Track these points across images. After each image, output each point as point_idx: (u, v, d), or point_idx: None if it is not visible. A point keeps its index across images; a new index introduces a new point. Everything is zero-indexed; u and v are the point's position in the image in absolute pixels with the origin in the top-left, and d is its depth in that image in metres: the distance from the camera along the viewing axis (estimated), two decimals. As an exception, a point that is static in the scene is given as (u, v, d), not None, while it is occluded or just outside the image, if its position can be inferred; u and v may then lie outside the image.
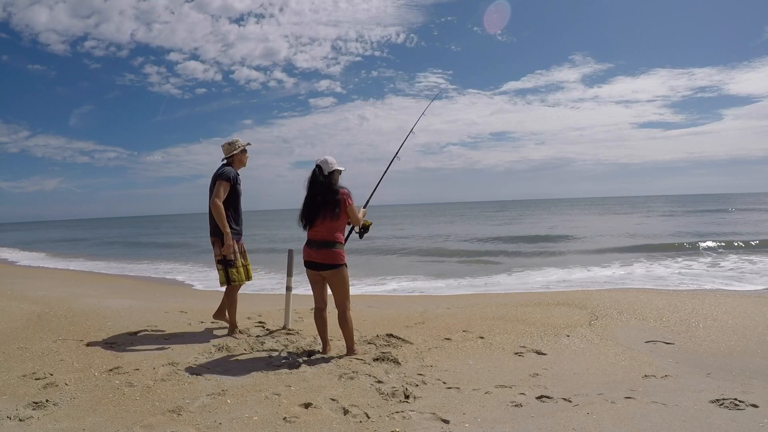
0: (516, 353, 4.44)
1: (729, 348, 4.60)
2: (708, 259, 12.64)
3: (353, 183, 5.18)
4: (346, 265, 4.21)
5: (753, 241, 15.59)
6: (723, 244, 15.43)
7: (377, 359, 4.13)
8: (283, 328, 5.27)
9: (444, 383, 3.61)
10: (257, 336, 4.92)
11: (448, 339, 4.86)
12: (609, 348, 4.61)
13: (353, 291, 4.92)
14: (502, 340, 4.87)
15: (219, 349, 4.42)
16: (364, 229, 4.40)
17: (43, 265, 16.52)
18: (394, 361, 4.08)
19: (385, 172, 4.95)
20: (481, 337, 4.91)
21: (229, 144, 4.91)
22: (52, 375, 3.72)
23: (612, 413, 2.99)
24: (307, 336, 4.93)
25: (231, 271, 4.78)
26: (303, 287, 6.18)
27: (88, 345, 4.53)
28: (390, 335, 4.85)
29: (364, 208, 4.54)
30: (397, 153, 5.02)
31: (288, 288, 5.44)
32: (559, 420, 2.91)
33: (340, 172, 4.21)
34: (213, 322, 5.40)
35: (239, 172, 4.92)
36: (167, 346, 4.53)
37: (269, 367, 3.96)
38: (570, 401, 3.24)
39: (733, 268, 10.99)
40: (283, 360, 4.14)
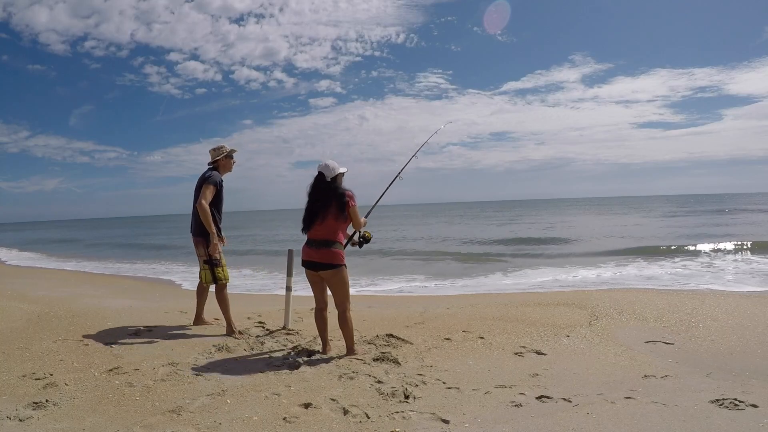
0: (516, 353, 4.44)
1: (729, 348, 4.60)
2: (706, 260, 12.67)
3: (353, 183, 5.19)
4: (345, 266, 4.21)
5: (751, 242, 15.57)
6: (721, 244, 15.43)
7: (377, 359, 4.13)
8: (283, 328, 5.28)
9: (444, 383, 3.61)
10: (257, 336, 4.93)
11: (447, 339, 4.87)
12: (609, 348, 4.61)
13: (353, 291, 4.92)
14: (501, 340, 4.87)
15: (219, 349, 4.42)
16: (364, 240, 4.40)
17: (40, 266, 16.50)
18: (393, 361, 4.08)
19: (386, 189, 4.96)
20: (481, 337, 4.92)
21: (215, 149, 5.11)
22: (52, 375, 3.71)
23: (612, 413, 2.99)
24: (307, 336, 4.93)
25: (217, 270, 4.94)
26: (303, 287, 6.18)
27: (88, 345, 4.53)
28: (390, 335, 4.86)
29: (364, 218, 4.53)
30: (400, 173, 5.01)
31: (288, 288, 5.44)
32: (559, 420, 2.91)
33: (343, 174, 4.23)
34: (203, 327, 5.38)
35: (224, 177, 5.09)
36: (167, 346, 4.53)
37: (269, 367, 3.96)
38: (570, 401, 3.24)
39: (733, 268, 11.00)
40: (283, 360, 4.14)
